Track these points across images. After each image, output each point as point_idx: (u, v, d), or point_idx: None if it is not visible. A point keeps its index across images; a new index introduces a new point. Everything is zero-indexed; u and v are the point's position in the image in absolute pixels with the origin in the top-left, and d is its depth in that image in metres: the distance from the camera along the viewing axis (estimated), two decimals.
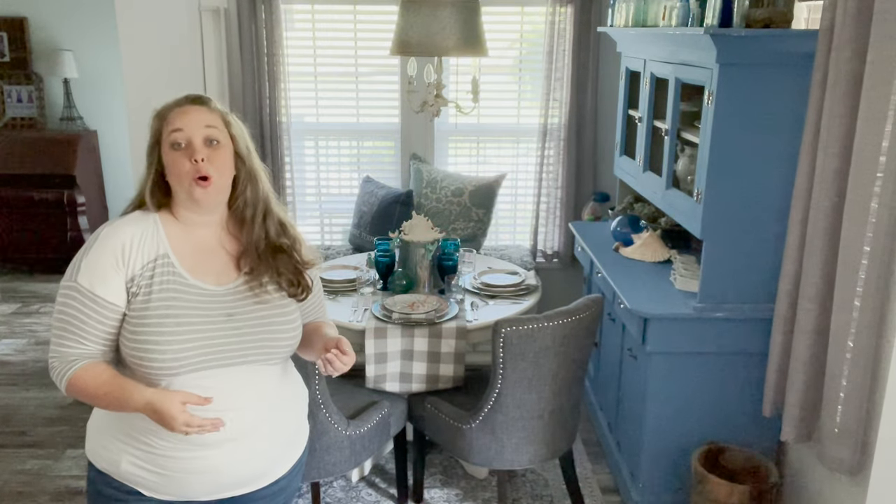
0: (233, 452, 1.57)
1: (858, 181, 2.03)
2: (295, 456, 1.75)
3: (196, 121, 1.53)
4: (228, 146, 1.57)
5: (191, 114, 1.54)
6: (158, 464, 1.54)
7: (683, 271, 2.89)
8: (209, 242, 1.61)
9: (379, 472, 3.20)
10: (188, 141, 1.52)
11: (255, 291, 1.60)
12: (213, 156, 1.53)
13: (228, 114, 1.60)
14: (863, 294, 2.05)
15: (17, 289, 5.36)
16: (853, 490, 2.27)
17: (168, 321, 1.49)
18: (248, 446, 1.58)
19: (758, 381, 2.68)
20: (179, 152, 1.52)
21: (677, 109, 2.89)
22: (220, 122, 1.57)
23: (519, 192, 4.59)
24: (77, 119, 5.81)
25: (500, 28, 4.34)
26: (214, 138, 1.54)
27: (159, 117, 1.56)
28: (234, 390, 1.55)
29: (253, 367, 1.58)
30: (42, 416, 3.64)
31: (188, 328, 1.50)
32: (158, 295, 1.50)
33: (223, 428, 1.48)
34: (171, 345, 1.47)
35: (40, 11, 5.75)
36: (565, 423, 2.70)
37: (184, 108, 1.55)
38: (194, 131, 1.52)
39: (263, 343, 1.58)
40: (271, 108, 4.25)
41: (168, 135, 1.52)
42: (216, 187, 1.54)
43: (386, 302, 2.90)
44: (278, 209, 1.68)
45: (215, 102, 1.60)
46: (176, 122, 1.52)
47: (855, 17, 2.01)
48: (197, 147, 1.51)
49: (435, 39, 2.89)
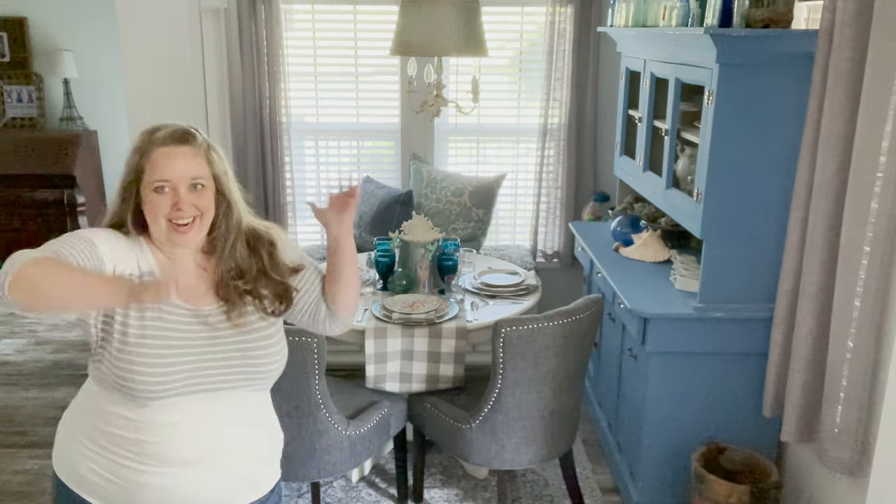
0: (198, 474, 1.54)
1: (858, 181, 2.03)
2: (269, 486, 1.70)
3: (182, 170, 1.48)
4: (211, 187, 1.54)
5: (177, 161, 1.48)
6: (118, 474, 1.51)
7: (683, 271, 2.89)
8: (188, 264, 1.58)
9: (379, 472, 3.20)
10: (173, 188, 1.48)
11: (235, 321, 1.56)
12: (197, 200, 1.51)
13: (210, 149, 1.55)
14: (863, 294, 2.05)
15: None
16: (853, 490, 2.27)
17: (155, 342, 1.47)
18: (212, 471, 1.56)
19: (758, 381, 2.68)
20: (161, 196, 1.48)
21: (677, 109, 2.89)
22: (204, 163, 1.52)
23: (519, 192, 4.59)
24: (77, 119, 5.81)
25: (500, 28, 4.34)
26: (199, 184, 1.51)
27: (139, 153, 1.50)
28: (211, 414, 1.53)
29: (234, 392, 1.56)
30: (42, 416, 3.64)
31: (173, 351, 1.48)
32: (148, 314, 1.48)
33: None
34: (156, 367, 1.46)
35: (40, 11, 5.74)
36: (565, 423, 2.70)
37: (169, 150, 1.48)
38: (180, 181, 1.48)
39: (246, 366, 1.56)
40: (271, 108, 4.25)
41: (150, 182, 1.48)
42: (196, 230, 1.52)
43: (386, 302, 2.90)
44: (249, 218, 1.64)
45: (200, 135, 1.54)
46: (161, 171, 1.47)
47: (855, 17, 2.01)
48: (182, 196, 1.48)
49: (435, 39, 2.89)
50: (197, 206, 1.50)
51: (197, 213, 1.51)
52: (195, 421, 1.51)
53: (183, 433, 1.50)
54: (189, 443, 1.51)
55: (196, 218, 1.51)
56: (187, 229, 1.50)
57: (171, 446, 1.50)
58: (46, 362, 4.23)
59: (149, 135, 1.52)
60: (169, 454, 1.50)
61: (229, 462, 1.58)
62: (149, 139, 1.51)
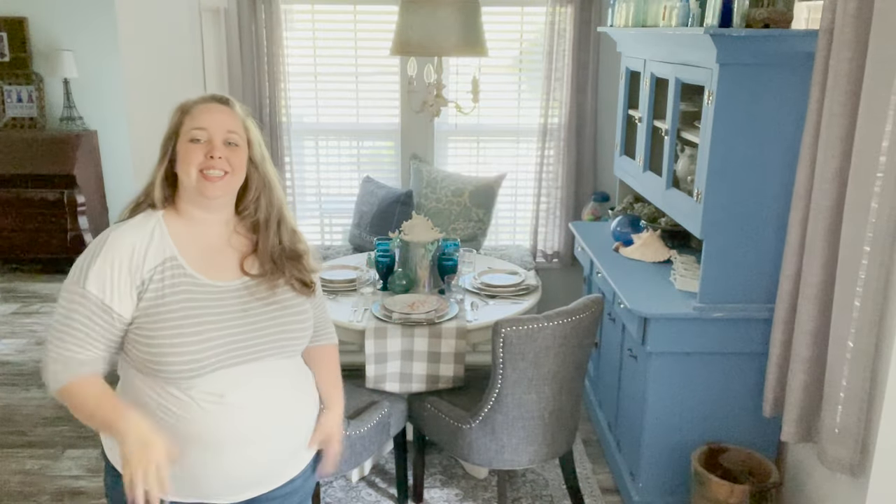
0: (245, 452, 1.56)
1: (858, 181, 2.03)
2: (309, 455, 1.74)
3: (220, 122, 1.55)
4: (245, 150, 1.59)
5: (215, 114, 1.56)
6: (172, 463, 1.54)
7: (683, 271, 2.89)
8: (215, 240, 1.61)
9: (379, 472, 3.20)
10: (209, 139, 1.54)
11: (268, 292, 1.61)
12: (230, 155, 1.56)
13: (248, 118, 1.62)
14: (863, 294, 2.05)
15: (17, 289, 5.36)
16: (853, 490, 2.27)
17: (185, 322, 1.49)
18: (261, 446, 1.58)
19: (758, 381, 2.68)
20: (197, 145, 1.54)
21: (677, 109, 2.89)
22: (240, 127, 1.59)
23: (519, 192, 4.59)
24: (77, 119, 5.82)
25: (500, 28, 4.34)
26: (234, 142, 1.56)
27: (182, 111, 1.57)
28: (251, 390, 1.55)
29: (268, 362, 1.58)
30: (42, 416, 3.64)
31: (205, 328, 1.50)
32: (172, 298, 1.49)
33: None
34: (189, 346, 1.47)
35: (40, 11, 5.75)
36: (565, 423, 2.70)
37: (209, 105, 1.57)
38: (216, 132, 1.54)
39: (278, 336, 1.59)
40: (271, 108, 4.25)
41: (189, 129, 1.54)
42: (225, 183, 1.55)
43: (386, 302, 2.90)
44: (291, 219, 1.70)
45: (238, 105, 1.62)
46: (200, 120, 1.54)
47: (855, 17, 2.01)
48: (216, 146, 1.54)
49: (435, 39, 2.89)
50: (229, 162, 1.55)
51: (228, 168, 1.54)
52: (236, 397, 1.52)
53: (225, 412, 1.51)
54: (240, 418, 1.52)
55: (227, 173, 1.55)
56: (217, 180, 1.53)
57: (220, 421, 1.51)
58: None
59: (190, 98, 1.60)
60: (218, 436, 1.51)
61: (278, 431, 1.60)
62: (190, 100, 1.59)
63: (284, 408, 1.62)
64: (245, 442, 1.55)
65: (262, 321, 1.57)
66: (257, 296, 1.59)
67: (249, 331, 1.55)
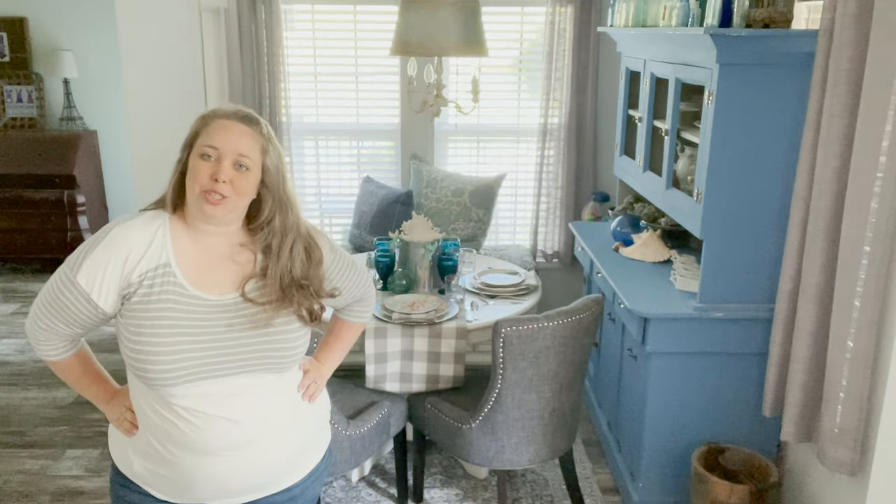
0: (235, 461, 1.55)
1: (858, 181, 2.03)
2: (310, 463, 1.73)
3: (233, 143, 1.49)
4: (256, 174, 1.53)
5: (231, 134, 1.49)
6: (166, 467, 1.55)
7: (683, 271, 2.89)
8: (216, 252, 1.57)
9: (379, 472, 3.20)
10: (218, 158, 1.49)
11: (264, 315, 1.55)
12: (237, 179, 1.50)
13: (269, 141, 1.55)
14: (863, 294, 2.05)
15: (17, 289, 5.36)
16: (853, 490, 2.27)
17: (163, 331, 1.47)
18: (249, 456, 1.57)
19: (758, 381, 2.68)
20: (205, 163, 1.49)
21: (677, 109, 2.89)
22: (256, 150, 1.52)
23: (519, 192, 4.59)
24: (77, 119, 5.82)
25: (500, 28, 4.34)
26: (245, 165, 1.51)
27: (202, 121, 1.53)
28: (236, 399, 1.53)
29: (256, 375, 1.56)
30: (42, 416, 3.64)
31: (182, 339, 1.48)
32: (156, 305, 1.48)
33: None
34: (165, 355, 1.46)
35: (40, 11, 5.75)
36: (565, 423, 2.70)
37: (228, 123, 1.51)
38: (227, 152, 1.48)
39: (262, 355, 1.55)
40: (271, 108, 4.25)
41: (202, 145, 1.49)
42: (225, 206, 1.50)
43: (386, 302, 2.90)
44: (307, 228, 1.64)
45: (264, 126, 1.55)
46: (213, 138, 1.49)
47: (855, 17, 2.01)
48: (224, 168, 1.48)
49: (435, 39, 2.89)
50: (234, 185, 1.49)
51: (231, 192, 1.49)
52: (221, 407, 1.52)
53: (212, 421, 1.51)
54: (224, 427, 1.52)
55: (227, 197, 1.49)
56: (217, 202, 1.49)
57: (205, 433, 1.51)
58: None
59: (216, 109, 1.55)
60: (208, 443, 1.51)
61: (269, 440, 1.59)
62: (215, 111, 1.54)
63: (275, 418, 1.60)
64: (233, 450, 1.54)
65: (245, 339, 1.53)
66: (249, 317, 1.54)
67: (230, 346, 1.51)
